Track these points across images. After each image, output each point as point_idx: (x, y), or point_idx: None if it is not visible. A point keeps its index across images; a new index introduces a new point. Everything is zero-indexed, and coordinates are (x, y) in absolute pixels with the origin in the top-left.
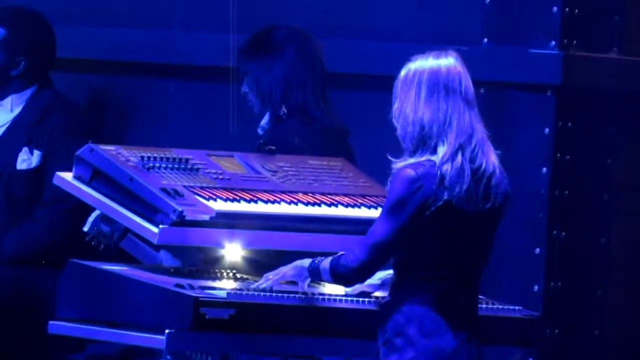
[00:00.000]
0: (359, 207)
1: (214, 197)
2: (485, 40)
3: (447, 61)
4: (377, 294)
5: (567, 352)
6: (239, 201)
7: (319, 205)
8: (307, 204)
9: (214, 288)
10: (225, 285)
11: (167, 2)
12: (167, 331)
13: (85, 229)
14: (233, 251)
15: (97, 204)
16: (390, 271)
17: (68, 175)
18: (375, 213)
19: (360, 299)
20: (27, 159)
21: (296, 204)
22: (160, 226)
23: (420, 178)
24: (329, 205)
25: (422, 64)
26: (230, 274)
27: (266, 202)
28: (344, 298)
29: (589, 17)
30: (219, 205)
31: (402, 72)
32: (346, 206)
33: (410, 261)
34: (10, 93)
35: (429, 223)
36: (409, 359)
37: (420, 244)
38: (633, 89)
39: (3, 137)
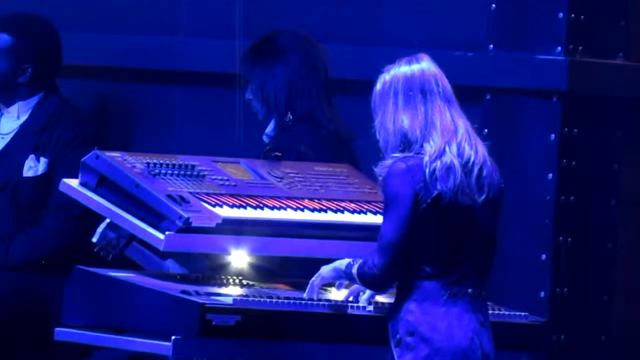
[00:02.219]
0: (365, 213)
1: (220, 203)
2: (491, 46)
3: (419, 66)
4: (380, 298)
5: (574, 358)
6: (245, 207)
7: (325, 211)
8: (313, 210)
9: (220, 294)
10: (232, 292)
11: (173, 9)
12: (173, 338)
13: (94, 239)
14: (239, 258)
15: (103, 211)
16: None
17: (74, 182)
18: (381, 219)
19: (367, 305)
20: (33, 166)
21: (302, 210)
22: (167, 233)
23: (411, 169)
24: (335, 212)
25: (396, 72)
26: (237, 281)
27: (272, 208)
28: (350, 304)
29: (595, 23)
30: (225, 212)
31: (378, 85)
32: (352, 212)
33: (413, 260)
34: (16, 100)
35: (426, 218)
36: (424, 357)
37: (420, 242)
38: (639, 95)
39: (10, 144)
